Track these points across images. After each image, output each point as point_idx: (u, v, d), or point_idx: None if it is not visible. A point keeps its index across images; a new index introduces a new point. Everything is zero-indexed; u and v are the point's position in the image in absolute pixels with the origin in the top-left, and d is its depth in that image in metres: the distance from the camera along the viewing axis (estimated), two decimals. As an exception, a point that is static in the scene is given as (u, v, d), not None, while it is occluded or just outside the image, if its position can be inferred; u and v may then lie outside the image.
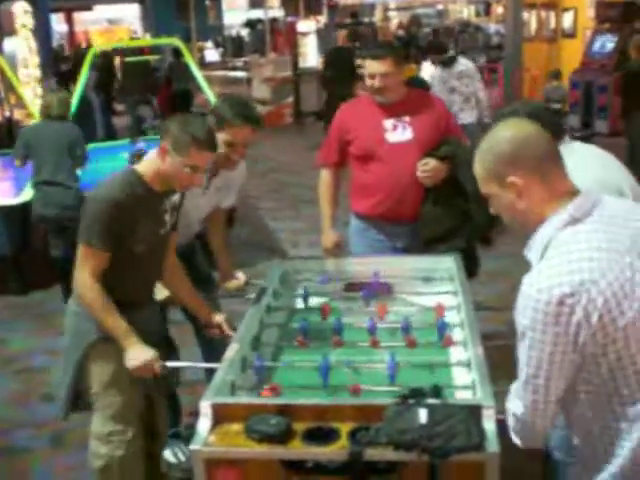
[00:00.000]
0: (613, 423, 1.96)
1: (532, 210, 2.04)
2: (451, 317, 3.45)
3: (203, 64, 19.17)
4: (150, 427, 3.44)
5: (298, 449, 2.41)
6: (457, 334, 3.29)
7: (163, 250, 3.33)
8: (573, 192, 2.03)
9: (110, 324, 3.07)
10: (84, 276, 3.06)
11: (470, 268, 3.95)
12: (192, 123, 3.06)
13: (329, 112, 13.72)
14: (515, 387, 2.07)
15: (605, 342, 1.88)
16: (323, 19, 25.08)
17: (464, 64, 8.72)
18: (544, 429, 2.05)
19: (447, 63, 8.69)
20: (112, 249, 3.04)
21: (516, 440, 2.14)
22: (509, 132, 2.08)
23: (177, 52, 15.16)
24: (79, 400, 3.27)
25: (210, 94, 9.53)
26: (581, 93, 13.97)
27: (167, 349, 3.43)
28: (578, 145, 3.19)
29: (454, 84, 8.49)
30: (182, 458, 4.17)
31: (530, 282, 1.94)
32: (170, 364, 3.21)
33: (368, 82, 4.08)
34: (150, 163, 3.13)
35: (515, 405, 2.07)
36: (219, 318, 3.51)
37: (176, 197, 3.28)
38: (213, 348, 3.92)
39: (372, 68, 4.03)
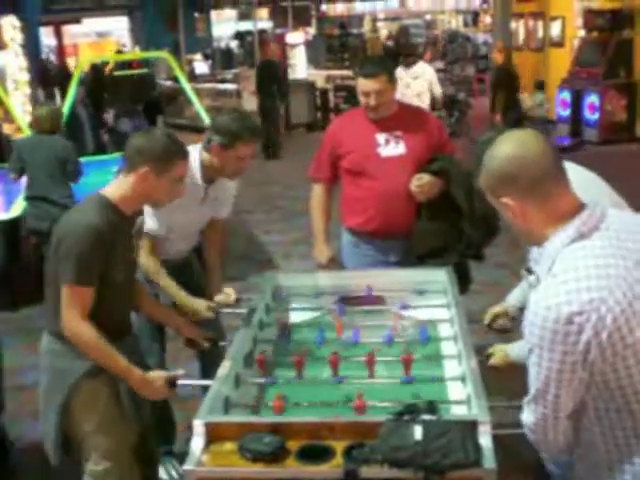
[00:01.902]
0: (622, 440, 1.94)
1: (531, 230, 2.02)
2: (444, 330, 3.45)
3: (192, 76, 19.16)
4: (144, 453, 3.32)
5: (293, 468, 2.39)
6: (450, 348, 3.28)
7: (134, 275, 3.26)
8: (577, 208, 1.99)
9: (109, 365, 2.96)
10: (74, 319, 2.89)
11: (461, 284, 3.94)
12: (161, 137, 3.00)
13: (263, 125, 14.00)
14: (527, 400, 2.05)
15: (614, 360, 1.86)
16: (312, 30, 25.14)
17: (421, 67, 10.27)
18: (556, 443, 2.02)
19: (408, 65, 10.22)
20: (97, 282, 2.93)
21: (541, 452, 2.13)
22: (508, 149, 2.02)
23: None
24: (69, 443, 3.13)
25: (200, 106, 9.51)
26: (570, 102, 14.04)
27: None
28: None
29: (409, 81, 9.93)
30: (175, 476, 4.13)
31: (538, 299, 1.91)
32: (182, 382, 3.13)
33: (362, 100, 4.06)
34: (122, 187, 3.01)
35: (527, 417, 2.06)
36: (192, 333, 3.48)
37: (140, 219, 3.21)
38: (210, 362, 3.90)
39: (365, 87, 4.01)
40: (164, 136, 3.03)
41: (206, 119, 8.65)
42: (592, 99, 13.62)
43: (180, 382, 3.13)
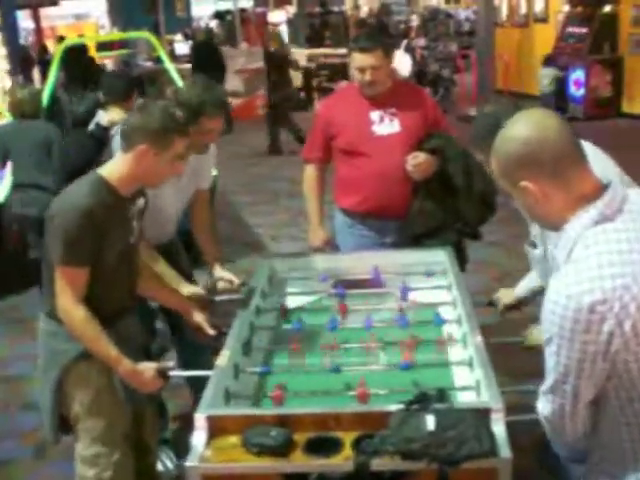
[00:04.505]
0: None
1: (551, 213, 1.91)
2: (446, 313, 3.35)
3: (173, 57, 18.93)
4: (139, 442, 3.26)
5: (301, 461, 2.29)
6: (454, 331, 3.18)
7: (135, 258, 3.14)
8: (599, 190, 1.88)
9: (98, 352, 2.89)
10: (68, 302, 2.83)
11: (458, 264, 3.86)
12: (158, 114, 2.87)
13: None
14: (544, 389, 1.96)
15: (638, 349, 1.77)
16: (292, 9, 24.88)
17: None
18: (575, 432, 1.96)
19: None
20: (89, 262, 2.84)
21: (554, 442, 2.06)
22: (525, 130, 1.90)
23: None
24: (66, 421, 3.08)
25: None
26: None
27: (146, 358, 3.15)
28: None
29: None
30: (170, 466, 4.03)
31: (558, 287, 1.81)
32: (174, 373, 3.05)
33: (357, 76, 3.94)
34: (119, 166, 2.91)
35: (544, 407, 1.98)
36: (198, 317, 3.31)
37: (141, 202, 3.09)
38: (190, 353, 3.81)
39: (361, 61, 3.88)
40: (161, 111, 2.90)
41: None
42: (577, 75, 13.55)
43: (172, 373, 3.04)
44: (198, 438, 2.38)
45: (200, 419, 2.41)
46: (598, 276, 1.77)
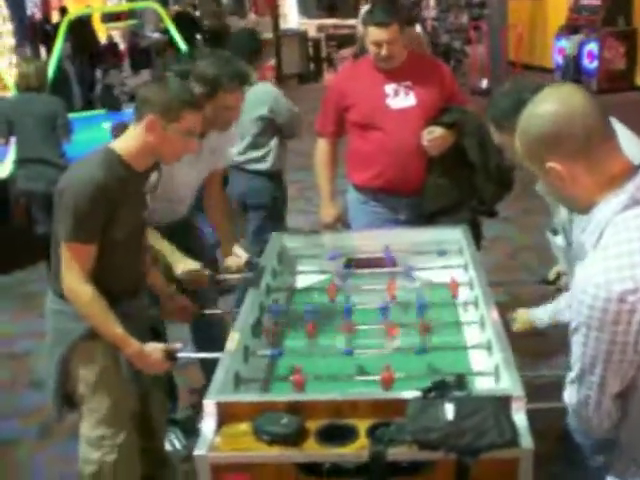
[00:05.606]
0: None
1: (579, 196, 1.79)
2: (463, 294, 3.24)
3: (180, 28, 18.76)
4: (145, 422, 3.18)
5: (314, 450, 2.20)
6: (471, 313, 3.08)
7: (144, 234, 3.05)
8: (630, 171, 1.75)
9: (107, 332, 2.81)
10: (75, 280, 2.75)
11: (474, 242, 3.75)
12: (173, 85, 2.79)
13: None
14: (570, 378, 1.86)
15: None
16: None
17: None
18: (600, 424, 1.85)
19: None
20: (98, 239, 2.74)
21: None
22: (551, 106, 1.77)
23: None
24: (71, 399, 3.01)
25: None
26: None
27: (153, 339, 3.05)
28: None
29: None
30: (178, 446, 3.97)
31: (586, 275, 1.70)
32: (181, 355, 2.97)
33: (373, 50, 3.80)
34: (130, 140, 2.81)
35: (570, 396, 1.88)
36: (179, 302, 3.30)
37: (154, 177, 2.99)
38: (206, 334, 3.73)
39: (377, 36, 3.75)
40: (175, 84, 2.81)
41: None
42: (591, 47, 13.33)
43: (180, 355, 2.96)
44: (207, 425, 2.30)
45: (209, 405, 2.32)
46: (629, 264, 1.65)
